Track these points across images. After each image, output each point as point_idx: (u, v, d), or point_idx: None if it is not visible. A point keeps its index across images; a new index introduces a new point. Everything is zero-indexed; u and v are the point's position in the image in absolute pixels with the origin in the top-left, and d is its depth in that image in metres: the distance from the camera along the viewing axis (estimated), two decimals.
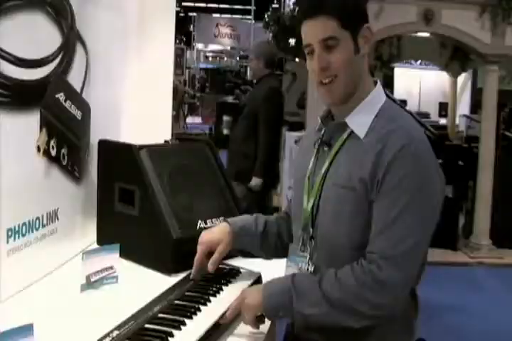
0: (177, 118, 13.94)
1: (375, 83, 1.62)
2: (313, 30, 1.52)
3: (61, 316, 1.59)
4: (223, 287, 1.71)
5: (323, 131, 1.63)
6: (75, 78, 2.04)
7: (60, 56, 1.91)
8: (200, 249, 1.74)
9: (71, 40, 1.98)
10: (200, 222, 2.05)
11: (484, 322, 4.70)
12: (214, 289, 1.68)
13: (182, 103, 14.59)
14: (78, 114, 2.06)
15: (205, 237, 1.75)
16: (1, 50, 1.61)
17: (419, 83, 14.64)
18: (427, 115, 13.73)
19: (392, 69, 12.30)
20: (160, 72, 2.74)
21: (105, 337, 1.32)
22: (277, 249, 1.77)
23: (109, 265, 1.84)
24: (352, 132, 1.55)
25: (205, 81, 22.80)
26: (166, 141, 2.34)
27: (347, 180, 1.50)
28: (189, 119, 16.16)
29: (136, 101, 2.58)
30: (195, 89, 19.79)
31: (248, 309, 1.52)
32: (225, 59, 27.87)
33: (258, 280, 1.82)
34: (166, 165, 2.09)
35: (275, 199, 6.41)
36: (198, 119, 17.65)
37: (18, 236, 1.75)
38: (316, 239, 1.57)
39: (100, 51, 2.22)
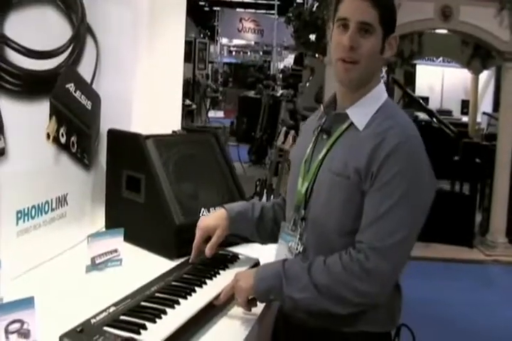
0: (199, 112, 14.05)
1: (380, 81, 1.68)
2: (357, 8, 1.55)
3: (65, 294, 1.68)
4: (220, 271, 1.78)
5: (324, 119, 1.69)
6: (85, 69, 2.13)
7: (70, 48, 1.99)
8: (198, 234, 1.81)
9: (81, 32, 2.07)
10: (203, 209, 2.12)
11: (498, 319, 4.71)
12: (211, 273, 1.75)
13: (204, 97, 14.69)
14: (88, 104, 2.15)
15: (203, 223, 1.82)
16: (12, 42, 1.69)
17: (441, 80, 14.55)
18: (449, 112, 13.65)
19: (414, 65, 12.26)
20: (170, 64, 2.82)
21: (102, 312, 1.40)
22: (273, 234, 1.82)
23: (114, 248, 1.93)
24: (352, 123, 1.60)
25: (228, 75, 22.87)
26: (173, 132, 2.42)
27: (342, 169, 1.55)
28: (211, 113, 16.24)
29: (147, 92, 2.66)
30: (217, 83, 19.87)
31: (241, 291, 1.59)
32: (249, 54, 27.95)
33: (255, 265, 1.88)
34: (171, 155, 2.16)
35: None
36: (220, 113, 17.73)
37: (28, 219, 1.84)
38: (306, 221, 1.64)
39: (111, 43, 2.30)
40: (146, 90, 2.67)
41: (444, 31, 7.55)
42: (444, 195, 6.88)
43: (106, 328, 1.33)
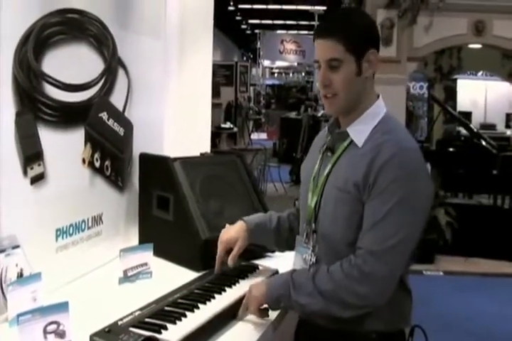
0: (242, 135, 14.29)
1: (378, 97, 1.80)
2: (321, 50, 1.70)
3: (98, 302, 1.86)
4: (240, 280, 1.93)
5: (329, 137, 1.83)
6: (117, 99, 2.33)
7: (102, 80, 2.20)
8: (220, 247, 1.98)
9: (113, 65, 2.27)
10: (227, 225, 2.27)
11: None
12: (231, 281, 1.90)
13: (246, 119, 14.95)
14: (121, 131, 2.35)
15: (224, 236, 1.99)
16: (49, 77, 1.90)
17: (484, 94, 14.44)
18: (492, 126, 13.56)
19: (455, 80, 12.25)
20: (199, 89, 3.02)
21: (128, 315, 1.58)
22: (289, 242, 1.96)
23: (144, 262, 2.11)
24: (352, 141, 1.72)
25: (271, 97, 23.12)
26: (201, 154, 2.61)
27: (344, 184, 1.67)
28: (255, 135, 16.49)
29: (176, 117, 2.87)
30: (260, 105, 20.14)
31: (254, 300, 1.74)
32: (291, 75, 28.21)
33: (274, 275, 2.03)
34: (198, 175, 2.34)
35: None
36: (263, 135, 17.96)
37: (66, 236, 2.04)
38: (317, 234, 1.77)
39: (141, 73, 2.51)
40: (176, 115, 2.87)
41: (479, 46, 7.62)
42: (483, 209, 6.91)
43: (131, 329, 1.50)
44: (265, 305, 1.75)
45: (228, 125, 11.86)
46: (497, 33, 6.61)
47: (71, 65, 2.02)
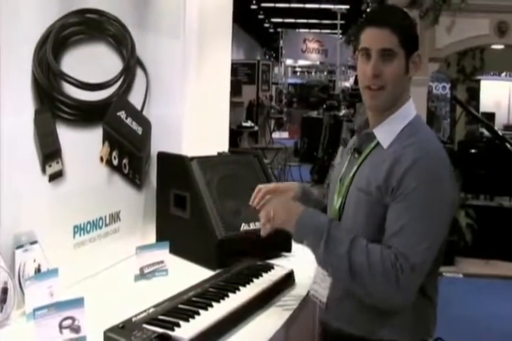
0: (263, 133, 14.31)
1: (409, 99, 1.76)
2: (375, 37, 1.64)
3: (114, 299, 1.89)
4: (254, 279, 1.95)
5: (356, 139, 1.81)
6: (136, 98, 2.36)
7: (121, 79, 2.23)
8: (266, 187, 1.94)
9: (131, 65, 2.30)
10: (244, 224, 2.30)
11: None
12: (245, 280, 1.92)
13: (268, 118, 14.97)
14: (139, 129, 2.37)
15: (272, 184, 1.99)
16: (69, 77, 1.93)
17: (508, 95, 14.31)
18: None
19: (478, 81, 12.14)
20: (217, 88, 3.03)
21: (142, 312, 1.60)
22: None
23: (161, 259, 2.13)
24: (379, 142, 1.69)
25: (293, 96, 23.12)
26: (218, 153, 2.62)
27: (366, 186, 1.65)
28: (276, 134, 16.49)
29: (195, 116, 2.89)
30: (282, 104, 20.14)
31: (278, 220, 1.69)
32: (313, 74, 28.18)
33: (289, 275, 2.04)
34: (214, 174, 2.36)
35: None
36: (285, 134, 17.94)
37: (83, 233, 2.07)
38: None
39: (160, 72, 2.53)
40: (194, 114, 2.89)
41: (502, 46, 7.55)
42: (505, 212, 6.84)
43: (145, 325, 1.52)
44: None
45: (250, 124, 11.88)
46: None
47: (90, 64, 2.05)
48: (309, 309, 2.10)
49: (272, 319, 1.80)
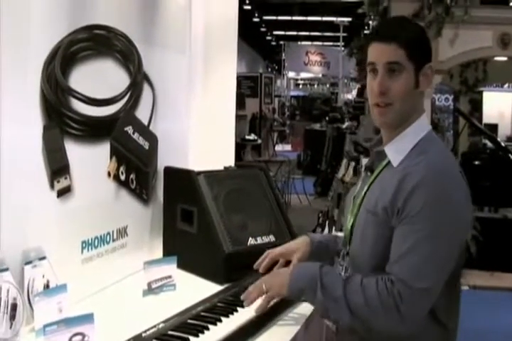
0: (266, 146, 14.33)
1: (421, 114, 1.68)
2: (382, 52, 1.59)
3: (123, 314, 1.89)
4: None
5: (370, 156, 1.79)
6: (142, 113, 2.37)
7: (128, 95, 2.24)
8: (275, 252, 1.93)
9: (138, 80, 2.31)
10: (251, 238, 2.30)
11: None
12: None
13: (271, 131, 14.99)
14: (146, 144, 2.38)
15: (285, 246, 1.94)
16: (77, 92, 1.94)
17: (511, 106, 14.34)
18: None
19: (481, 93, 12.17)
20: (223, 103, 3.05)
21: (152, 327, 1.60)
22: None
23: (168, 274, 2.13)
24: (390, 160, 1.64)
25: (295, 108, 23.18)
26: (225, 168, 2.63)
27: (373, 206, 1.60)
28: (279, 147, 16.52)
29: (201, 131, 2.90)
30: (284, 116, 20.19)
31: (274, 287, 1.69)
32: (315, 86, 28.26)
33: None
34: (221, 189, 2.36)
35: None
36: (287, 147, 17.97)
37: (91, 248, 2.07)
38: (349, 255, 1.72)
39: (166, 88, 2.54)
40: (200, 129, 2.90)
41: (505, 58, 7.58)
42: (509, 223, 6.83)
43: None
44: (275, 300, 1.75)
45: (253, 137, 11.90)
46: None
47: (97, 80, 2.06)
48: (316, 323, 2.10)
49: (280, 333, 1.79)
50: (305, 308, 1.99)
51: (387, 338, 1.59)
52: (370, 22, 9.33)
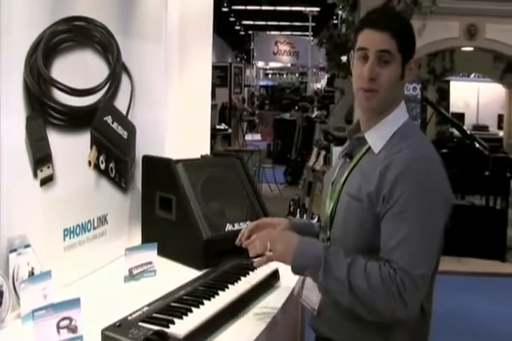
0: (236, 136, 14.38)
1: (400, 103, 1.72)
2: (374, 38, 1.62)
3: (106, 299, 1.94)
4: (242, 277, 2.01)
5: (348, 143, 1.82)
6: (121, 103, 2.41)
7: (107, 85, 2.27)
8: (256, 221, 1.91)
9: (117, 71, 2.35)
10: (228, 225, 2.36)
11: None
12: (233, 279, 1.98)
13: (240, 120, 15.04)
14: (124, 134, 2.42)
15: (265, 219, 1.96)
16: (58, 83, 1.97)
17: (477, 95, 14.56)
18: (485, 128, 13.67)
19: (448, 82, 12.35)
20: (199, 92, 3.10)
21: (137, 311, 1.65)
22: None
23: (149, 260, 2.18)
24: (370, 147, 1.69)
25: (265, 98, 23.22)
26: (202, 156, 2.68)
27: (356, 192, 1.63)
28: (249, 136, 16.56)
29: (178, 120, 2.94)
30: (254, 106, 20.23)
31: (279, 250, 1.65)
32: (285, 76, 28.32)
33: (274, 272, 2.11)
34: (199, 177, 2.41)
35: None
36: (257, 136, 18.02)
37: (73, 236, 2.11)
38: (330, 241, 1.74)
39: (144, 78, 2.58)
40: (177, 118, 2.95)
41: (471, 49, 7.73)
42: (476, 210, 7.00)
43: (140, 323, 1.57)
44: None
45: (223, 126, 11.95)
46: (489, 36, 6.72)
47: (78, 70, 2.09)
48: (294, 307, 2.18)
49: (260, 315, 1.86)
50: (283, 291, 2.07)
51: (372, 325, 1.62)
52: (340, 12, 9.42)
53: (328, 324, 1.73)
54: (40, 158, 1.90)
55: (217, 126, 11.76)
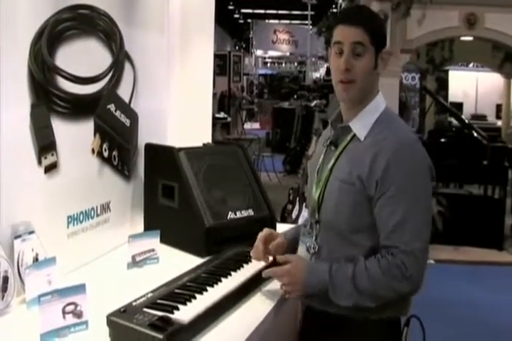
0: (235, 124, 14.37)
1: (378, 92, 1.89)
2: (348, 32, 1.77)
3: (110, 286, 1.96)
4: (244, 264, 2.03)
5: (332, 132, 1.92)
6: (124, 91, 2.42)
7: (110, 73, 2.28)
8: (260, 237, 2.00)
9: (120, 59, 2.36)
10: (230, 213, 2.38)
11: None
12: (236, 266, 2.00)
13: (239, 109, 15.02)
14: (127, 122, 2.43)
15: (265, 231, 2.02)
16: (62, 71, 1.98)
17: (475, 85, 14.56)
18: (483, 117, 13.68)
19: (447, 71, 12.35)
20: (200, 81, 3.11)
21: (142, 297, 1.67)
22: None
23: (151, 248, 2.20)
24: (354, 135, 1.82)
25: (264, 87, 23.18)
26: (204, 144, 2.70)
27: (347, 177, 1.78)
28: (248, 125, 16.55)
29: (179, 108, 2.95)
30: (253, 95, 20.19)
31: (291, 285, 1.80)
32: (284, 64, 28.25)
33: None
34: (201, 165, 2.43)
35: None
36: (256, 125, 18.02)
37: (77, 223, 2.13)
38: (320, 224, 1.87)
39: (146, 67, 2.59)
40: (178, 106, 2.96)
41: (471, 38, 7.72)
42: (474, 199, 7.04)
43: (145, 309, 1.59)
44: None
45: (222, 115, 11.94)
46: (488, 25, 6.72)
47: (82, 58, 2.10)
48: None
49: (264, 300, 1.90)
50: None
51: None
52: (340, 1, 9.40)
53: (320, 299, 1.81)
54: (45, 145, 1.92)
55: (217, 115, 11.75)
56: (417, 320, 1.90)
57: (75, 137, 2.09)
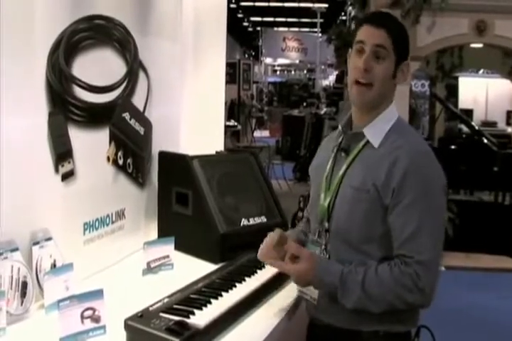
0: (245, 132, 14.41)
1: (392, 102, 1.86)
2: (372, 33, 1.73)
3: (126, 292, 1.98)
4: (258, 270, 2.06)
5: (341, 138, 1.88)
6: (138, 99, 2.45)
7: (125, 82, 2.32)
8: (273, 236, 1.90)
9: (134, 68, 2.40)
10: (243, 219, 2.41)
11: None
12: (250, 271, 2.03)
13: (249, 117, 15.06)
14: (141, 130, 2.47)
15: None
16: (78, 80, 2.02)
17: (485, 91, 14.51)
18: (493, 124, 13.65)
19: (456, 78, 12.34)
20: (213, 89, 3.15)
21: (158, 302, 1.70)
22: None
23: (166, 254, 2.23)
24: (368, 142, 1.77)
25: (273, 94, 23.24)
26: (216, 152, 2.73)
27: (361, 184, 1.72)
28: (257, 133, 16.57)
29: (192, 117, 2.99)
30: (262, 103, 20.24)
31: (301, 283, 1.79)
32: (293, 72, 28.31)
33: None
34: (215, 172, 2.46)
35: None
36: (265, 133, 18.04)
37: (93, 230, 2.16)
38: (330, 232, 1.82)
39: (160, 75, 2.63)
40: (192, 115, 3.00)
41: (480, 45, 7.73)
42: (484, 206, 7.03)
43: (162, 314, 1.62)
44: None
45: (232, 123, 11.99)
46: (498, 32, 6.73)
47: (97, 68, 2.14)
48: None
49: (278, 306, 1.92)
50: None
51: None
52: (350, 8, 9.44)
53: (328, 313, 1.80)
54: (62, 153, 1.96)
55: (227, 123, 11.80)
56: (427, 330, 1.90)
57: (91, 145, 2.13)
